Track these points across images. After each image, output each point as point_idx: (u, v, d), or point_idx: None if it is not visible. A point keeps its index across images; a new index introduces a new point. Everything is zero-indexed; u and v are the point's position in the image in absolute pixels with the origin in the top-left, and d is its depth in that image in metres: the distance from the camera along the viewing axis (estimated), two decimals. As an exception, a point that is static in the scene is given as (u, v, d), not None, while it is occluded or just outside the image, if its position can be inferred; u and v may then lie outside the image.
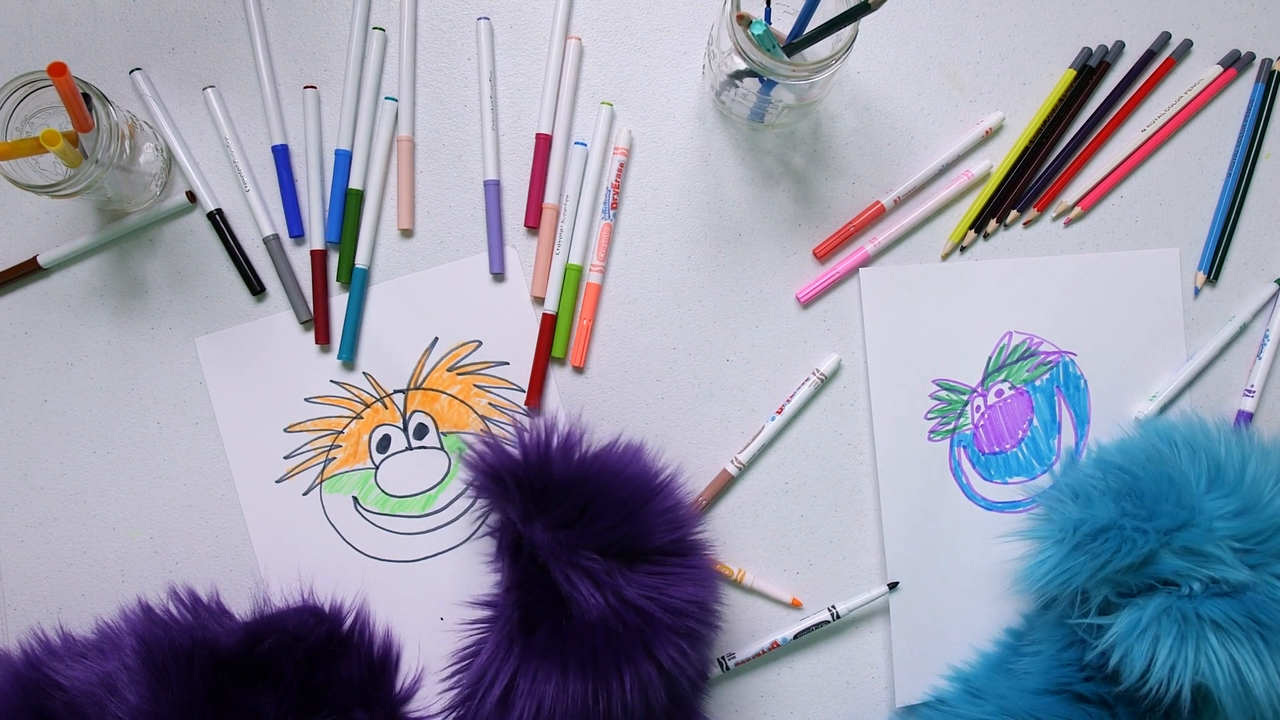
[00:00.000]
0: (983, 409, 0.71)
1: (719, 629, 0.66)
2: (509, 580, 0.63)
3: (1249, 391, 0.71)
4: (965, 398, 0.71)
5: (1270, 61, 0.72)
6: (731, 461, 0.70)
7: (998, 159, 0.72)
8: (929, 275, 0.71)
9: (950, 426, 0.71)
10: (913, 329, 0.71)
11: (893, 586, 0.70)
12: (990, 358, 0.71)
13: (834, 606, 0.70)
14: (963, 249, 0.71)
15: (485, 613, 0.64)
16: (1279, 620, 0.59)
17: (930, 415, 0.71)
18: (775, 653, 0.70)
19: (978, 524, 0.71)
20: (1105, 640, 0.62)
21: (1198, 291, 0.72)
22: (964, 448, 0.71)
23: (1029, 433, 0.71)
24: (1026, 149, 0.72)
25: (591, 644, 0.59)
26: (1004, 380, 0.71)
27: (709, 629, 0.63)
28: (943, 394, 0.71)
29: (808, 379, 0.70)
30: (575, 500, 0.61)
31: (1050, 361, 0.72)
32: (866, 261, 0.71)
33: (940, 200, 0.71)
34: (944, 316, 0.71)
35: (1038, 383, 0.71)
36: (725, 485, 0.70)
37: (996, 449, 0.71)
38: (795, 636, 0.69)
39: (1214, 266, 0.72)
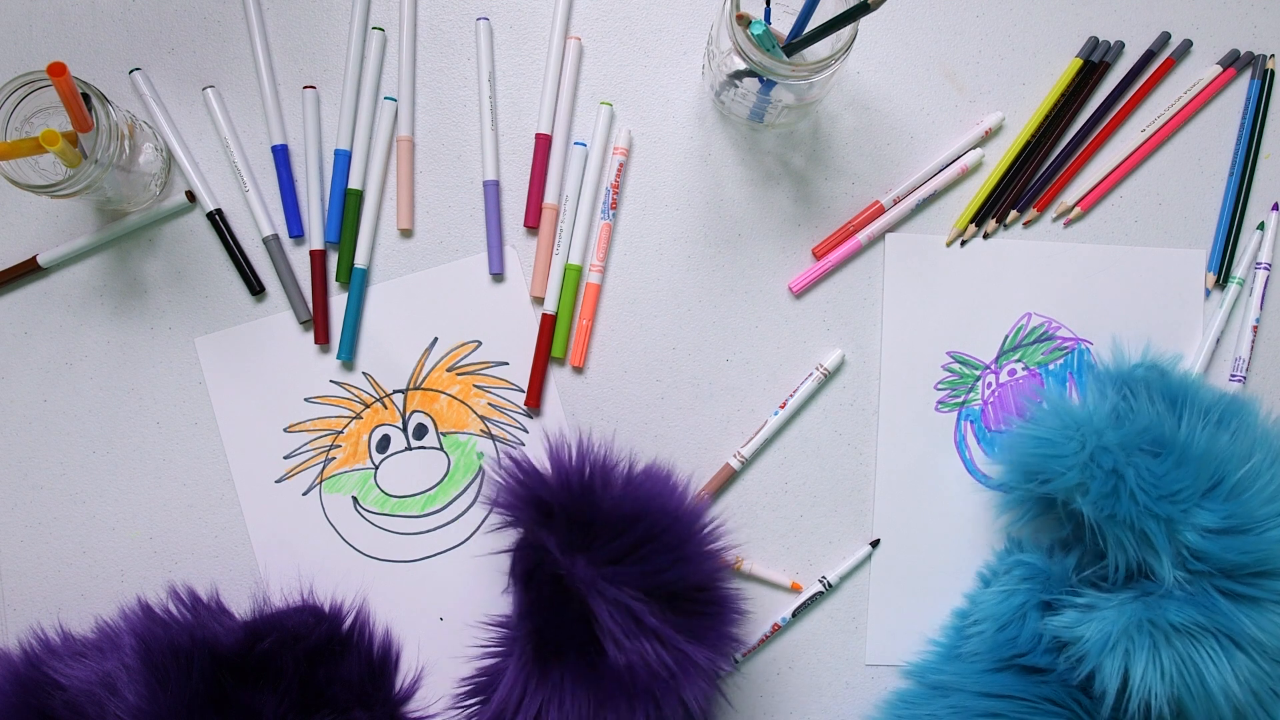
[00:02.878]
0: (994, 386, 0.71)
1: (736, 668, 0.67)
2: (522, 607, 0.62)
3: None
4: (977, 373, 0.71)
5: (1264, 59, 0.72)
6: (734, 455, 0.70)
7: (997, 159, 0.72)
8: (954, 247, 0.71)
9: (959, 399, 0.71)
10: (932, 298, 0.71)
11: (875, 544, 0.70)
12: (1007, 336, 0.71)
13: (824, 576, 0.70)
14: (963, 244, 0.71)
15: (499, 633, 0.64)
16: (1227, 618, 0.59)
17: (940, 385, 0.71)
18: (775, 636, 0.70)
19: (974, 498, 0.71)
20: (1076, 651, 0.61)
21: (1208, 293, 0.72)
22: (971, 422, 0.71)
23: None
24: (1026, 145, 0.72)
25: (626, 684, 0.57)
26: (1018, 360, 0.71)
27: (731, 668, 0.63)
28: (955, 366, 0.71)
29: (811, 374, 0.70)
30: (627, 538, 0.58)
31: (1066, 347, 0.72)
32: (860, 251, 0.71)
33: (932, 189, 0.71)
34: (965, 290, 0.71)
35: (1051, 367, 0.72)
36: (727, 480, 0.70)
37: (1003, 427, 0.71)
38: (793, 614, 0.70)
39: (1223, 268, 0.72)
